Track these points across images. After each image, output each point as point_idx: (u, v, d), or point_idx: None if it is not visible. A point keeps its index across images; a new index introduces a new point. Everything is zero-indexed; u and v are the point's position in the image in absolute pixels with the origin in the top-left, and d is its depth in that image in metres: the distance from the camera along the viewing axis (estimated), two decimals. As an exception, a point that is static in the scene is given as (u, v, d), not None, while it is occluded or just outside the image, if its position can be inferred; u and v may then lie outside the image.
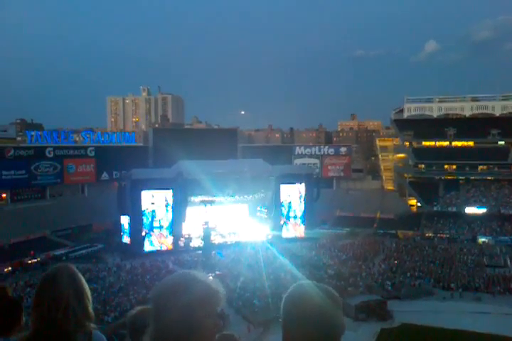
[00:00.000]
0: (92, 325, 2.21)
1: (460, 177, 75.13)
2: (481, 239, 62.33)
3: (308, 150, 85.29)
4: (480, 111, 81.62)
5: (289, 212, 63.70)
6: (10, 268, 47.54)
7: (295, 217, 63.86)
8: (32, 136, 66.69)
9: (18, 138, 73.11)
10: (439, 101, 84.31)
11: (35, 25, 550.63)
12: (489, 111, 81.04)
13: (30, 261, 49.53)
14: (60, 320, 2.10)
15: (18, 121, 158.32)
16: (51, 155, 66.34)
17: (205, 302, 1.77)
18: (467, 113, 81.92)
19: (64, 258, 50.77)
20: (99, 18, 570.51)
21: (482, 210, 68.36)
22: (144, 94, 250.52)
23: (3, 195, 63.31)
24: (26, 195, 64.50)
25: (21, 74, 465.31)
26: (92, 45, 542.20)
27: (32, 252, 50.71)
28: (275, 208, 62.38)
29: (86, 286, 2.25)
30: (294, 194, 63.77)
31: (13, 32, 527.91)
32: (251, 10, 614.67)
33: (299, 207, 63.91)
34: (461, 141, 78.13)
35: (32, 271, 45.87)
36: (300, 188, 63.95)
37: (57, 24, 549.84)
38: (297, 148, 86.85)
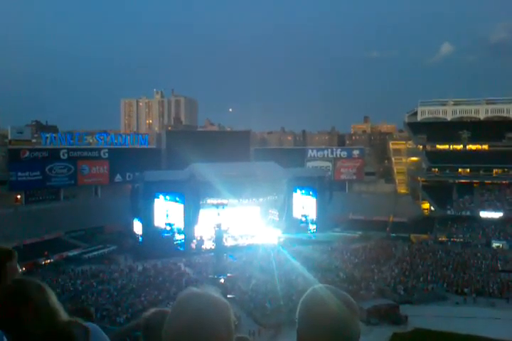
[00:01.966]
0: (79, 320, 2.18)
1: (474, 181, 74.36)
2: (496, 244, 61.61)
3: (320, 152, 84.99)
4: (495, 114, 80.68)
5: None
6: (24, 269, 47.99)
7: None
8: (47, 137, 67.48)
9: (33, 140, 73.84)
10: (454, 104, 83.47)
11: (49, 28, 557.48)
12: (504, 114, 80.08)
13: (44, 262, 50.03)
14: (31, 326, 2.01)
15: (34, 123, 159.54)
16: (65, 157, 67.03)
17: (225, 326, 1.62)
18: (482, 116, 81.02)
19: (82, 257, 52.34)
20: (114, 20, 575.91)
21: (497, 214, 67.57)
22: (158, 96, 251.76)
23: (18, 196, 64.04)
24: (40, 196, 65.21)
25: (36, 76, 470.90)
26: (106, 47, 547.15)
27: (46, 253, 51.19)
28: (287, 211, 62.32)
29: (50, 291, 2.14)
30: (308, 206, 64.37)
31: (29, 36, 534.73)
32: (263, 11, 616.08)
33: (315, 217, 64.84)
34: (476, 144, 77.28)
35: (46, 272, 46.31)
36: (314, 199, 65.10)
37: (72, 27, 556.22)
38: (310, 150, 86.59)
